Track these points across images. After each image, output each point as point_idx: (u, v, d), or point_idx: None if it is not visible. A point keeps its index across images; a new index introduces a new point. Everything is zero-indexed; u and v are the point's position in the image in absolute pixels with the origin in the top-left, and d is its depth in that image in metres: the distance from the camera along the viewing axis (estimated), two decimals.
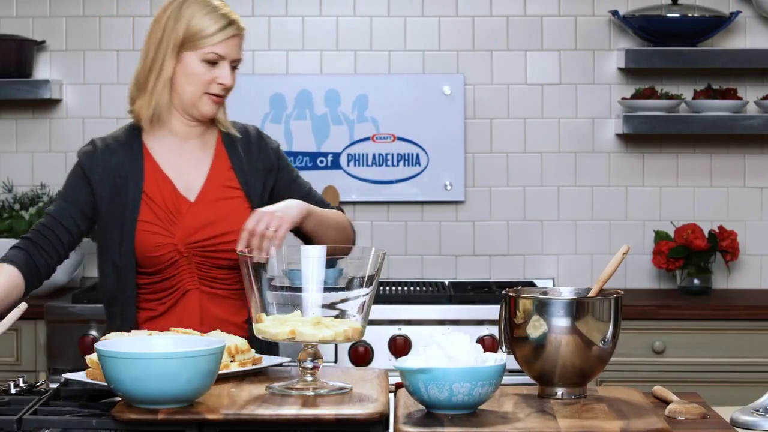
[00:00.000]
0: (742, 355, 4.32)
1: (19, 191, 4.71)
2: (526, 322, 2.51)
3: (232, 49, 3.03)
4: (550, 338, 2.49)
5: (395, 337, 4.23)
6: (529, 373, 2.55)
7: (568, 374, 2.51)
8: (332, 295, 2.57)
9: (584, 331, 2.49)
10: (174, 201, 3.01)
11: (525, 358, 2.53)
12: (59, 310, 4.30)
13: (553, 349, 2.49)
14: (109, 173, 3.04)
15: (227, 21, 3.01)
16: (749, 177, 4.82)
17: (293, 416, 2.30)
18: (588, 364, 2.51)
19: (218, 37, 2.99)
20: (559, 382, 2.53)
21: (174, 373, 2.26)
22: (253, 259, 2.54)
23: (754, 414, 2.48)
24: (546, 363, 2.51)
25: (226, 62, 3.01)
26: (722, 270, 4.77)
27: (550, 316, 2.49)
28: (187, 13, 2.99)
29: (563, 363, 2.49)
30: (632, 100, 4.67)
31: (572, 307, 2.50)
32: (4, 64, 4.67)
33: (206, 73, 3.01)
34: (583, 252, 4.81)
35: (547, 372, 2.52)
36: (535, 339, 2.50)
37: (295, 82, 4.81)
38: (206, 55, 2.99)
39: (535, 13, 4.80)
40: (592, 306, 2.52)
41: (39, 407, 2.41)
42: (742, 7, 4.76)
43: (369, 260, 2.56)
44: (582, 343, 2.49)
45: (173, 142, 3.08)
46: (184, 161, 3.07)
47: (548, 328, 2.49)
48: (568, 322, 2.49)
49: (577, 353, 2.49)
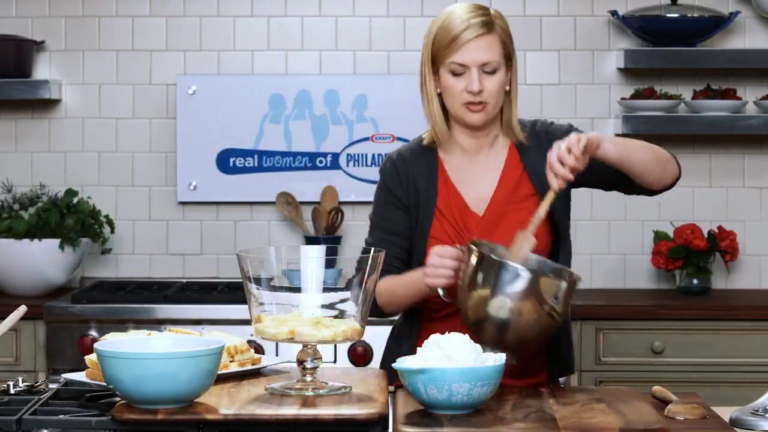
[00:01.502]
0: (742, 355, 4.32)
1: (19, 191, 4.71)
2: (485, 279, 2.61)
3: (475, 54, 2.92)
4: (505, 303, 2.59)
5: None
6: (471, 328, 2.64)
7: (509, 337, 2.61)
8: (331, 295, 2.58)
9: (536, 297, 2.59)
10: (463, 216, 2.96)
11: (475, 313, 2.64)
12: (58, 311, 4.30)
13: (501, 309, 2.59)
14: (408, 185, 3.00)
15: (462, 28, 2.91)
16: (748, 177, 4.82)
17: (292, 416, 2.30)
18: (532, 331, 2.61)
19: (453, 48, 2.91)
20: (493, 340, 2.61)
21: (173, 374, 2.26)
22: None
23: (753, 414, 2.48)
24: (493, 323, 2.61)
25: (472, 69, 2.91)
26: (721, 270, 4.77)
27: (504, 284, 2.59)
28: (433, 28, 2.96)
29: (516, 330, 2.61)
30: (631, 100, 4.67)
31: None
32: (4, 64, 4.66)
33: (457, 84, 2.93)
34: (583, 252, 4.81)
35: (491, 330, 2.61)
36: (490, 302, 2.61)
37: (295, 82, 4.81)
38: (450, 66, 2.93)
39: (535, 13, 4.80)
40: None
41: (38, 407, 2.41)
42: (742, 7, 4.76)
43: (368, 260, 2.56)
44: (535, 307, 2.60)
45: (463, 155, 3.01)
46: (474, 175, 3.00)
47: (500, 291, 2.60)
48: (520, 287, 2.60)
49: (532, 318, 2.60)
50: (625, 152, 2.88)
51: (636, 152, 2.90)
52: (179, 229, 4.83)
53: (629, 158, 2.88)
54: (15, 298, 4.50)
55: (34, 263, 4.50)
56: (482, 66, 2.91)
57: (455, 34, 2.91)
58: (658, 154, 2.95)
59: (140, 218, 4.84)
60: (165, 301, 4.33)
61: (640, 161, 2.90)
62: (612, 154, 2.85)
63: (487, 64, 2.91)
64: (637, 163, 2.89)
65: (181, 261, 4.84)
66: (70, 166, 4.84)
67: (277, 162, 4.79)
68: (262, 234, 4.82)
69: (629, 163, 2.88)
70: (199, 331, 2.76)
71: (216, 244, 4.82)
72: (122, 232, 4.81)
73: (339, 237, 4.70)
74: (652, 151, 2.94)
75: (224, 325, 4.14)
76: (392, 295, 2.95)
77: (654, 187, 2.97)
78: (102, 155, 4.84)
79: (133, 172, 4.84)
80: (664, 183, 2.97)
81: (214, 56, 4.82)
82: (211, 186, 4.79)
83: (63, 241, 4.51)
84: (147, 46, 4.82)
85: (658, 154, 2.95)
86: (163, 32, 4.82)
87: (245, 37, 4.82)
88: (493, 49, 2.93)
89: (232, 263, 4.69)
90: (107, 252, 4.75)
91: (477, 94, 2.91)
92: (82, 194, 4.75)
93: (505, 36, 2.95)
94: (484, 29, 2.91)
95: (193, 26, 4.82)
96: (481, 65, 2.91)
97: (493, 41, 2.93)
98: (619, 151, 2.87)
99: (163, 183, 4.83)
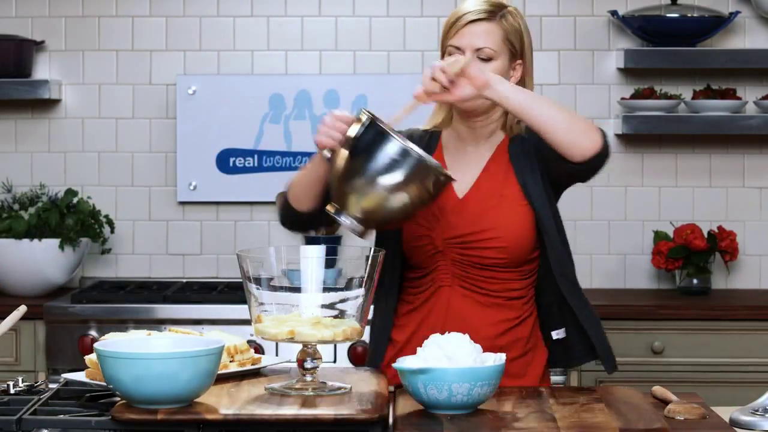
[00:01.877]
0: (742, 355, 4.32)
1: (18, 191, 4.71)
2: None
3: (470, 38, 2.90)
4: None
5: None
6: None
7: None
8: (331, 295, 2.58)
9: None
10: (445, 197, 2.92)
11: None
12: (58, 311, 4.30)
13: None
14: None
15: (465, 12, 2.91)
16: (748, 177, 4.82)
17: (292, 416, 2.30)
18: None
19: (453, 30, 2.92)
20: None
21: (173, 374, 2.26)
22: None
23: (753, 414, 2.48)
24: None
25: (467, 53, 2.89)
26: (721, 270, 4.77)
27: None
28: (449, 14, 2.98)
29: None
30: (631, 100, 4.67)
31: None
32: (4, 64, 4.67)
33: None
34: (583, 252, 4.81)
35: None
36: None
37: (295, 82, 4.81)
38: (448, 49, 2.92)
39: (535, 13, 4.79)
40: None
41: (38, 407, 2.41)
42: (742, 7, 4.76)
43: (368, 260, 2.56)
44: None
45: (457, 140, 3.01)
46: (464, 161, 2.99)
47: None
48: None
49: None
50: (529, 102, 2.78)
51: (543, 106, 2.79)
52: (179, 229, 4.83)
53: (532, 109, 2.77)
54: (15, 298, 4.50)
55: (34, 263, 4.50)
56: (477, 51, 2.90)
57: (457, 17, 2.92)
58: (573, 116, 2.82)
59: (140, 218, 4.84)
60: (165, 301, 4.33)
61: (547, 116, 2.77)
62: (509, 98, 2.77)
63: (481, 50, 2.90)
64: (542, 117, 2.77)
65: (181, 261, 4.84)
66: (70, 166, 4.84)
67: (277, 162, 4.79)
68: (262, 234, 4.82)
69: (531, 113, 2.77)
70: (199, 331, 2.76)
71: (216, 244, 4.82)
72: (122, 232, 4.81)
73: (339, 237, 4.70)
74: (565, 111, 2.82)
75: (224, 325, 4.14)
76: (297, 181, 2.94)
77: (571, 154, 2.79)
78: (102, 155, 4.84)
79: (133, 172, 4.84)
80: (582, 151, 2.79)
81: (214, 56, 4.82)
82: (211, 186, 4.79)
83: (63, 241, 4.51)
84: (147, 46, 4.82)
85: (574, 117, 2.82)
86: (163, 32, 4.82)
87: (245, 37, 4.82)
88: (490, 36, 2.91)
89: (232, 263, 4.69)
90: (107, 252, 4.75)
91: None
92: (82, 194, 4.76)
93: (510, 30, 2.93)
94: (485, 15, 2.91)
95: (193, 26, 4.82)
96: (476, 50, 2.90)
97: (493, 29, 2.91)
98: (521, 98, 2.78)
99: (163, 183, 4.83)
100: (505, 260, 2.90)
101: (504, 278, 2.93)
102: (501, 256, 2.90)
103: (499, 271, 2.91)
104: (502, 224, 2.90)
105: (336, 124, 2.75)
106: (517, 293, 2.94)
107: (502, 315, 2.93)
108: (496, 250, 2.89)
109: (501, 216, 2.92)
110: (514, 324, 2.94)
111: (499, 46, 2.91)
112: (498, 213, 2.92)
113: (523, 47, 2.97)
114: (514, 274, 2.93)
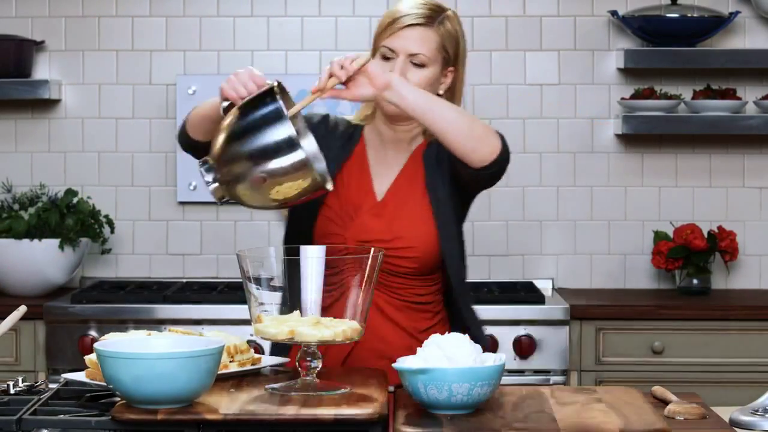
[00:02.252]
0: (741, 356, 4.32)
1: (18, 191, 4.71)
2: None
3: (405, 42, 2.86)
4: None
5: None
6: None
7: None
8: (331, 295, 2.57)
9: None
10: (363, 196, 2.92)
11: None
12: (58, 311, 4.30)
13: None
14: (325, 139, 2.94)
15: (402, 14, 2.87)
16: (748, 177, 4.82)
17: (292, 416, 2.30)
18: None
19: (388, 31, 2.88)
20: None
21: (173, 374, 2.26)
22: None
23: (753, 414, 2.48)
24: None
25: (400, 57, 2.87)
26: (721, 270, 4.77)
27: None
28: (385, 11, 2.93)
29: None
30: (631, 100, 4.67)
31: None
32: (4, 64, 4.67)
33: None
34: (582, 252, 4.81)
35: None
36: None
37: (295, 82, 4.77)
38: (382, 50, 2.89)
39: (535, 13, 4.79)
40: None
41: (38, 407, 2.41)
42: (742, 7, 4.76)
43: (367, 260, 2.56)
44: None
45: (379, 140, 2.98)
46: (385, 161, 2.97)
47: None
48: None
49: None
50: (429, 105, 2.74)
51: (443, 110, 2.76)
52: (179, 229, 4.83)
53: (432, 112, 2.73)
54: (15, 298, 4.50)
55: (34, 263, 4.50)
56: (411, 56, 2.87)
57: (394, 18, 2.88)
58: (473, 123, 2.78)
59: (140, 218, 4.84)
60: (165, 301, 4.33)
61: (446, 120, 2.73)
62: (410, 102, 2.73)
63: (416, 55, 2.87)
64: (442, 123, 2.73)
65: (181, 261, 4.84)
66: (70, 166, 4.84)
67: None
68: (262, 234, 4.82)
69: (433, 118, 2.73)
70: (199, 331, 2.76)
71: (216, 244, 4.82)
72: (122, 232, 4.81)
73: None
74: (464, 116, 2.79)
75: (224, 325, 4.14)
76: (196, 112, 2.90)
77: (470, 160, 2.77)
78: (102, 155, 4.84)
79: (132, 172, 4.84)
80: (481, 156, 2.77)
81: (214, 56, 4.82)
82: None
83: (63, 241, 4.51)
84: (147, 46, 4.82)
85: (473, 124, 2.78)
86: (163, 32, 4.82)
87: (245, 37, 4.82)
88: (426, 43, 2.88)
89: (232, 263, 4.69)
90: (107, 252, 4.75)
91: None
92: (82, 194, 4.76)
93: (446, 36, 2.90)
94: (423, 20, 2.88)
95: (193, 26, 4.82)
96: (410, 55, 2.87)
97: (430, 36, 2.88)
98: (422, 101, 2.74)
99: (163, 183, 4.83)
100: (414, 269, 2.91)
101: (411, 284, 2.94)
102: (412, 266, 2.91)
103: (408, 278, 2.92)
104: (415, 235, 2.89)
105: (247, 81, 2.71)
106: (423, 298, 2.95)
107: (415, 317, 2.94)
108: (409, 260, 2.90)
109: (414, 226, 2.91)
110: (427, 327, 2.95)
111: (433, 54, 2.89)
112: (411, 222, 2.91)
113: (457, 54, 2.94)
114: (420, 281, 2.94)
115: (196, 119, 2.89)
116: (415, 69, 2.88)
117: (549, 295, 4.61)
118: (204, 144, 2.87)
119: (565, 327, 4.29)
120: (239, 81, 2.71)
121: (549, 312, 4.30)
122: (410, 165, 2.97)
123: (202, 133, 2.87)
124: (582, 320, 4.32)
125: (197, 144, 2.91)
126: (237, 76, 2.72)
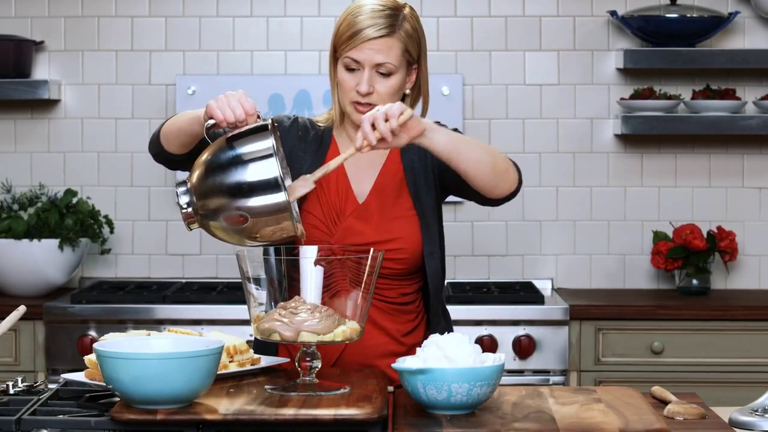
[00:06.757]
0: (741, 356, 4.32)
1: (18, 191, 4.71)
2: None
3: (370, 54, 2.85)
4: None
5: None
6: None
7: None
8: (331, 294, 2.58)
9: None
10: (344, 200, 2.91)
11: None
12: (58, 311, 4.30)
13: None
14: (288, 147, 2.93)
15: (365, 26, 2.85)
16: (748, 177, 4.82)
17: (292, 417, 2.30)
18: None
19: (351, 43, 2.85)
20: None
21: (172, 374, 2.26)
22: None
23: (752, 414, 2.48)
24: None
25: (366, 68, 2.86)
26: (721, 270, 4.77)
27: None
28: (341, 16, 2.90)
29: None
30: (631, 100, 4.67)
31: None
32: (3, 65, 4.67)
33: (349, 80, 2.87)
34: (582, 252, 4.81)
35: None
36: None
37: (294, 82, 4.80)
38: (345, 60, 2.87)
39: (534, 13, 4.80)
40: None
41: (38, 407, 2.41)
42: (741, 7, 4.76)
43: (367, 260, 2.56)
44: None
45: (349, 143, 2.94)
46: (360, 164, 2.95)
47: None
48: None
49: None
50: (457, 147, 2.75)
51: (470, 150, 2.77)
52: (179, 229, 4.83)
53: (459, 154, 2.74)
54: (14, 298, 4.50)
55: (33, 263, 4.50)
56: (376, 67, 2.86)
57: (356, 30, 2.85)
58: (495, 159, 2.80)
59: (139, 218, 4.84)
60: (164, 302, 4.33)
61: (473, 161, 2.76)
62: (441, 146, 2.74)
63: (382, 65, 2.86)
64: (468, 163, 2.76)
65: (180, 261, 4.85)
66: (70, 166, 4.84)
67: None
68: None
69: (459, 159, 2.75)
70: (198, 331, 2.76)
71: (215, 244, 4.82)
72: (121, 233, 4.82)
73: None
74: (488, 154, 2.80)
75: (224, 325, 4.14)
76: (173, 123, 2.85)
77: (490, 196, 2.84)
78: (101, 155, 4.84)
79: (132, 172, 4.84)
80: (501, 191, 2.83)
81: (214, 56, 4.82)
82: None
83: (62, 241, 4.51)
84: (146, 47, 4.82)
85: (496, 160, 2.80)
86: (163, 32, 4.82)
87: (244, 38, 4.82)
88: (391, 51, 2.87)
89: (232, 263, 4.69)
90: (106, 252, 4.75)
91: (366, 95, 2.86)
92: (81, 194, 4.76)
93: (408, 40, 2.89)
94: (385, 31, 2.86)
95: (193, 26, 4.82)
96: (376, 66, 2.86)
97: (393, 44, 2.87)
98: (451, 144, 2.75)
99: (162, 183, 4.83)
100: (401, 270, 2.91)
101: (398, 285, 2.93)
102: (400, 267, 2.90)
103: (394, 279, 2.91)
104: (402, 236, 2.90)
105: (236, 106, 2.69)
106: (407, 298, 2.95)
107: (400, 318, 2.94)
108: (397, 261, 2.89)
109: (401, 227, 2.91)
110: (410, 329, 2.95)
111: (398, 61, 2.88)
112: (397, 223, 2.91)
113: (420, 52, 2.94)
114: (405, 281, 2.94)
115: (171, 131, 2.86)
116: (382, 79, 2.87)
117: (548, 295, 4.61)
118: (178, 157, 2.87)
119: (565, 327, 4.29)
120: (228, 104, 2.69)
121: (548, 312, 4.30)
122: (388, 166, 2.97)
123: (177, 146, 2.85)
124: (581, 320, 4.32)
125: (170, 156, 2.90)
126: (227, 97, 2.70)
